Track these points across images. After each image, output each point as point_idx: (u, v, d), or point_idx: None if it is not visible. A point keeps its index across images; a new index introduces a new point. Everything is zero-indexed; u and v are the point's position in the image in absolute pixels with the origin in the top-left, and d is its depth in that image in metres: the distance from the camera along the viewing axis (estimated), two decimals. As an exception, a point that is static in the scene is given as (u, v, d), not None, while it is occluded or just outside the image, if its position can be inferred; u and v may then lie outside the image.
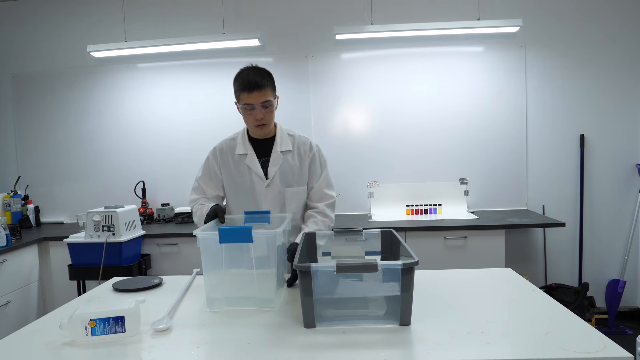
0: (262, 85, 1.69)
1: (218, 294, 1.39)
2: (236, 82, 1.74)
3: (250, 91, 1.68)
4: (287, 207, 1.83)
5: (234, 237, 1.28)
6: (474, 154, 3.50)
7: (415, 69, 3.51)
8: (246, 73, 1.72)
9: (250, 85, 1.68)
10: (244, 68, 1.76)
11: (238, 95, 1.74)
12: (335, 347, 1.08)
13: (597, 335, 1.08)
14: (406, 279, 1.14)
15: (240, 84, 1.70)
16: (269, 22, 3.56)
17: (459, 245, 2.95)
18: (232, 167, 1.84)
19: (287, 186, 1.82)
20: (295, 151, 1.85)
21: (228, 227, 1.30)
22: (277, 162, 1.81)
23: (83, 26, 3.67)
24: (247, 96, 1.69)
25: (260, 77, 1.70)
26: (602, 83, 3.42)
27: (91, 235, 2.84)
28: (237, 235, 1.28)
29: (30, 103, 3.75)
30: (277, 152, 1.82)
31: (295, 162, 1.84)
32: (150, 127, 3.68)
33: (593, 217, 3.46)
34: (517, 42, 3.44)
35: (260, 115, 1.72)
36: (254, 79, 1.68)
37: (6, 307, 2.84)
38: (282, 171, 1.82)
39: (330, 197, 1.88)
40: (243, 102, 1.71)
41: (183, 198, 3.60)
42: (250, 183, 1.82)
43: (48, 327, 1.27)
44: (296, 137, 1.88)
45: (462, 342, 1.08)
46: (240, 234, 1.28)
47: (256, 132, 1.81)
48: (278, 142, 1.84)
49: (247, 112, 1.73)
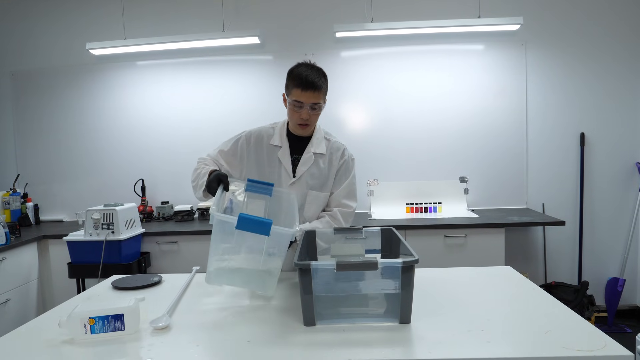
0: (318, 87, 1.63)
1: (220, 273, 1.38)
2: (291, 76, 1.68)
3: (305, 90, 1.62)
4: (306, 209, 1.78)
5: (252, 227, 1.25)
6: (474, 152, 3.50)
7: (416, 67, 3.50)
8: (305, 70, 1.65)
9: (307, 84, 1.62)
10: (302, 64, 1.69)
11: (290, 90, 1.68)
12: (335, 345, 1.07)
13: (597, 334, 1.08)
14: (406, 277, 1.14)
15: (296, 79, 1.64)
16: (269, 20, 3.55)
17: (458, 244, 2.95)
18: (265, 155, 1.80)
19: (310, 188, 1.78)
20: (328, 156, 1.81)
21: (249, 216, 1.25)
22: (308, 162, 1.77)
23: (82, 23, 3.66)
24: (300, 94, 1.64)
25: (318, 78, 1.64)
26: (603, 81, 3.42)
27: (90, 233, 2.84)
28: (256, 226, 1.25)
29: (29, 101, 3.75)
30: (309, 152, 1.78)
31: (325, 166, 1.80)
32: (149, 125, 3.67)
33: (593, 215, 3.46)
34: (518, 40, 3.43)
35: (307, 116, 1.67)
36: (312, 79, 1.62)
37: (5, 305, 2.84)
38: (310, 173, 1.77)
39: (348, 206, 1.81)
40: (293, 99, 1.66)
41: (182, 196, 3.62)
42: (277, 176, 1.78)
43: (47, 325, 1.26)
44: (332, 141, 1.84)
45: (463, 340, 1.08)
46: (259, 225, 1.24)
47: (297, 130, 1.76)
48: (313, 143, 1.79)
49: (294, 109, 1.68)
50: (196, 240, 3.07)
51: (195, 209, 3.55)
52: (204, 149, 1.94)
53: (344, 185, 1.81)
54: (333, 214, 1.79)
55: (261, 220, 1.25)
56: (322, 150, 1.79)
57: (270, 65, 3.59)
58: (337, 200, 1.81)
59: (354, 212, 1.84)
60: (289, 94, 1.69)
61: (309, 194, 1.77)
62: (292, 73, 1.68)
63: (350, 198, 1.82)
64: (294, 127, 1.76)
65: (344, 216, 1.79)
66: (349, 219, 1.81)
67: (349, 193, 1.82)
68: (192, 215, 3.50)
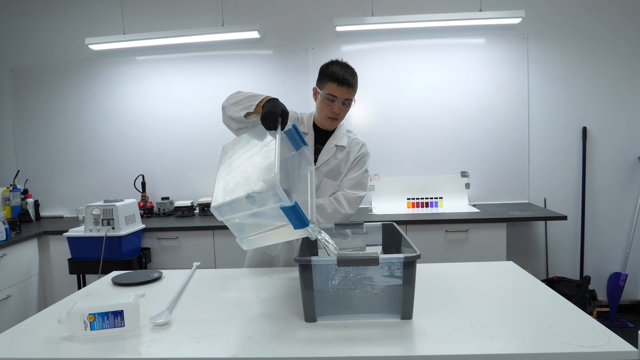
0: (352, 84, 1.74)
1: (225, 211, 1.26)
2: (327, 71, 1.75)
3: (340, 85, 1.72)
4: (317, 194, 1.84)
5: (292, 216, 1.14)
6: (475, 146, 3.48)
7: (416, 61, 3.48)
8: (341, 67, 1.74)
9: (342, 80, 1.71)
10: (337, 61, 1.77)
11: (324, 84, 1.75)
12: (336, 341, 1.07)
13: (601, 329, 1.07)
14: (408, 272, 1.13)
15: (333, 74, 1.73)
16: (269, 14, 3.52)
17: (460, 239, 2.94)
18: None
19: (325, 176, 1.86)
20: (347, 149, 1.89)
21: (297, 210, 1.14)
22: (329, 153, 1.85)
23: (81, 19, 3.64)
24: (335, 88, 1.72)
25: (352, 76, 1.75)
26: (605, 75, 3.40)
27: (91, 229, 2.83)
28: (295, 219, 1.14)
29: (28, 96, 3.73)
30: (332, 144, 1.86)
31: (343, 157, 1.88)
32: (149, 120, 3.66)
33: (595, 210, 3.45)
34: (520, 34, 3.41)
35: (338, 110, 1.77)
36: (348, 76, 1.72)
37: (6, 301, 2.84)
38: (329, 162, 1.85)
39: (352, 193, 1.85)
40: (327, 92, 1.74)
41: (183, 191, 3.62)
42: None
43: (47, 322, 1.26)
44: (352, 137, 1.93)
45: (465, 336, 1.07)
46: (298, 220, 1.14)
47: (326, 122, 1.84)
48: (336, 136, 1.88)
49: (326, 102, 1.76)
50: (196, 236, 3.06)
51: (195, 205, 3.54)
52: (204, 144, 1.94)
53: (355, 175, 1.88)
54: (336, 196, 1.84)
55: (303, 218, 1.15)
56: (343, 143, 1.88)
57: (270, 59, 3.57)
58: (345, 186, 1.87)
59: (359, 200, 1.87)
60: (322, 87, 1.77)
61: (323, 181, 1.85)
62: (327, 69, 1.76)
63: (358, 188, 1.87)
64: (322, 119, 1.84)
65: (348, 200, 1.83)
66: (353, 204, 1.84)
67: (357, 183, 1.87)
68: (193, 211, 3.49)
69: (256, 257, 1.91)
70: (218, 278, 1.65)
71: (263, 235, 1.29)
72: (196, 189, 3.63)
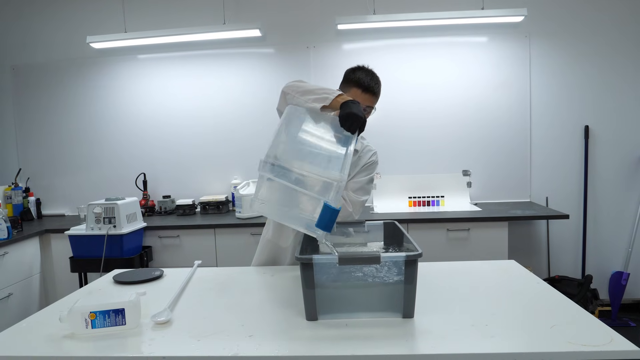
0: (376, 93, 1.76)
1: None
2: (353, 77, 1.75)
3: (365, 92, 1.72)
4: None
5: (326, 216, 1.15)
6: (477, 145, 3.48)
7: (418, 59, 3.47)
8: (367, 74, 1.75)
9: (367, 88, 1.72)
10: (362, 67, 1.78)
11: (349, 88, 1.74)
12: (338, 340, 1.06)
13: (603, 329, 1.06)
14: (409, 270, 1.13)
15: (359, 81, 1.72)
16: (270, 12, 3.52)
17: (462, 237, 2.93)
18: None
19: None
20: (359, 153, 1.90)
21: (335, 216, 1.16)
22: None
23: (82, 17, 3.64)
24: (360, 94, 1.72)
25: (377, 85, 1.76)
26: (607, 73, 3.38)
27: (92, 227, 2.84)
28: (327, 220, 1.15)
29: (30, 95, 3.73)
30: None
31: (354, 161, 1.88)
32: (150, 119, 3.66)
33: (597, 209, 3.44)
34: (522, 32, 3.40)
35: None
36: (374, 84, 1.74)
37: (8, 299, 2.84)
38: None
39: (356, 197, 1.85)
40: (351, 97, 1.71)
41: (184, 190, 3.62)
42: None
43: (48, 320, 1.26)
44: (365, 144, 1.95)
45: (466, 335, 1.06)
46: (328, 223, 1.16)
47: None
48: None
49: None
50: (198, 235, 3.07)
51: (197, 203, 3.54)
52: (206, 143, 1.94)
53: (362, 179, 1.88)
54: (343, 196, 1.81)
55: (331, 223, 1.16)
56: (357, 147, 1.87)
57: (271, 58, 3.57)
58: (350, 187, 1.86)
59: (362, 204, 1.86)
60: (346, 92, 1.74)
61: None
62: (354, 74, 1.76)
63: (362, 192, 1.87)
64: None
65: (352, 201, 1.82)
66: (355, 207, 1.83)
67: (362, 187, 1.87)
68: (194, 210, 3.49)
69: (267, 248, 1.88)
70: (219, 276, 1.64)
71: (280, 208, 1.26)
72: (198, 187, 3.63)
